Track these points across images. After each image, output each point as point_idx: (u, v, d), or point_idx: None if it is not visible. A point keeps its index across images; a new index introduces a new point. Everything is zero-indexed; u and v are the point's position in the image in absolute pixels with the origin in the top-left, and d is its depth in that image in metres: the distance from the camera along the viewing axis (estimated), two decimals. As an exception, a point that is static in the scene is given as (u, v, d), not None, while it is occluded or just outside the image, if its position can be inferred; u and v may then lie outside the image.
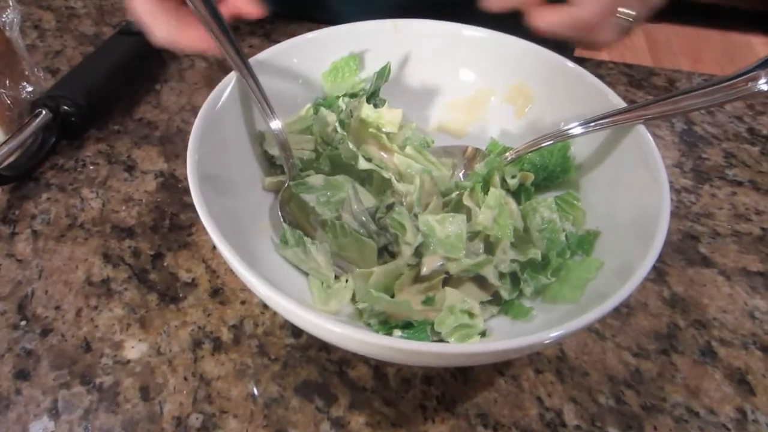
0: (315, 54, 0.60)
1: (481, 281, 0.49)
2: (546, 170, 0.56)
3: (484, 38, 0.61)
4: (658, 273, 0.57)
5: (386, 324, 0.47)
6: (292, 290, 0.49)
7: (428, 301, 0.49)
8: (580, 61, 0.82)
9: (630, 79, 0.80)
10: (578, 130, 0.52)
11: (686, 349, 0.51)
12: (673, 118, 0.75)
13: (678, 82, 0.80)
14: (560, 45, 0.67)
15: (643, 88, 0.79)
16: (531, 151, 0.55)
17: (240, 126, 0.55)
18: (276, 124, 0.54)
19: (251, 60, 0.54)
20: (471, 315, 0.46)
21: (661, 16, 0.59)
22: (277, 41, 0.58)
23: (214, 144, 0.50)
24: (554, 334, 0.38)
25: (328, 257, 0.51)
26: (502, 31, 0.61)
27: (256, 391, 0.47)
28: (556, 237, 0.51)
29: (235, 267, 0.40)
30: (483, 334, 0.46)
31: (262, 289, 0.40)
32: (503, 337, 0.46)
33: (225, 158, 0.51)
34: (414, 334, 0.46)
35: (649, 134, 0.50)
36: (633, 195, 0.50)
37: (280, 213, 0.53)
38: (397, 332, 0.47)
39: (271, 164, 0.57)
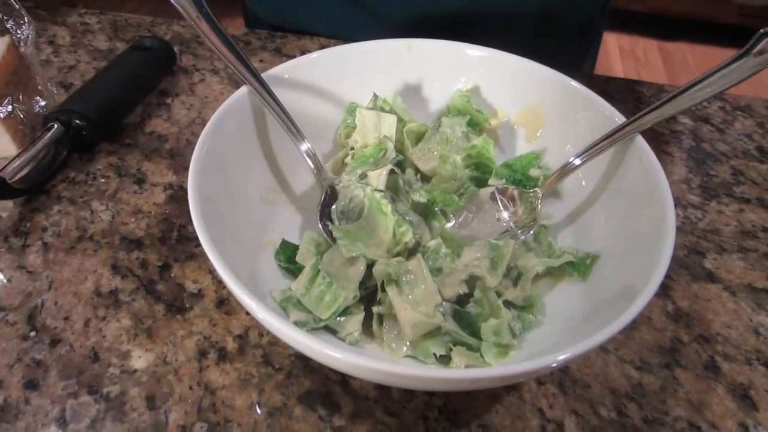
0: (328, 71, 0.61)
1: None
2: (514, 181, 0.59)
3: (498, 60, 0.62)
4: (663, 287, 0.56)
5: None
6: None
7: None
8: (590, 78, 0.83)
9: (640, 95, 0.80)
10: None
11: (689, 364, 0.51)
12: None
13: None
14: (575, 62, 0.65)
15: (652, 104, 0.79)
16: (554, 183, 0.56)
17: (243, 142, 0.55)
18: (305, 146, 0.54)
19: (264, 75, 0.55)
20: None
21: (677, 34, 0.59)
22: (288, 56, 0.58)
23: (217, 162, 0.51)
24: (562, 357, 0.38)
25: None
26: (512, 51, 0.61)
27: (259, 401, 0.47)
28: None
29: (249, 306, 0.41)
30: None
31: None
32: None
33: (227, 176, 0.52)
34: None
35: (650, 151, 0.51)
36: (637, 215, 0.50)
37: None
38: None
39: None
